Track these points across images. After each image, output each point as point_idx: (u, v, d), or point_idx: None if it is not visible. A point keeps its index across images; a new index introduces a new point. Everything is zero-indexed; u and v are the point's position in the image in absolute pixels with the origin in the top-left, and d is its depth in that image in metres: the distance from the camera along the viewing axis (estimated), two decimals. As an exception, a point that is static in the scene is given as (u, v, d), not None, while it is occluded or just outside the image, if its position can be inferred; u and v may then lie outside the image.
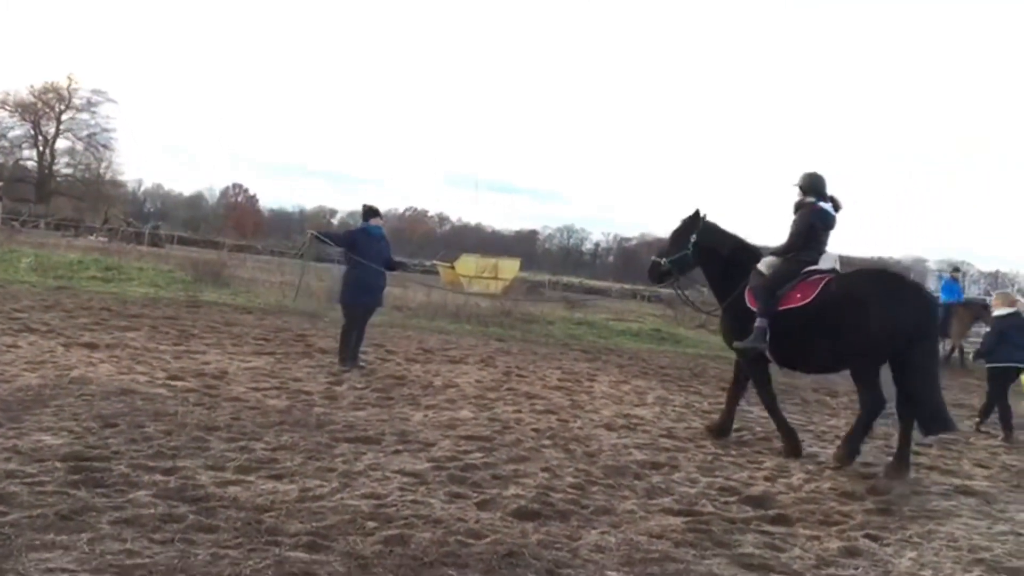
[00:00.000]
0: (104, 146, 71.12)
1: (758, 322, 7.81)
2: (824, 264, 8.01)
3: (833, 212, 8.19)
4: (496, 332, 17.60)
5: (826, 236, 8.19)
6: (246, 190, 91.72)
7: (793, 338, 7.76)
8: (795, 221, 8.17)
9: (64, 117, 70.40)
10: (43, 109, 69.76)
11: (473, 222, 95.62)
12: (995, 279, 58.68)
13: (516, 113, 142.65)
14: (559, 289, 42.54)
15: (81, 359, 8.79)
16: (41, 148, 70.88)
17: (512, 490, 5.63)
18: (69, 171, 72.56)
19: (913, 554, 5.23)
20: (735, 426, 8.81)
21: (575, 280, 58.21)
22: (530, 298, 27.16)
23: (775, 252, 8.26)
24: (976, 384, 15.32)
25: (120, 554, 3.90)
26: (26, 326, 10.60)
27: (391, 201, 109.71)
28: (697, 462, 7.19)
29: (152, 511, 4.45)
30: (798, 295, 7.82)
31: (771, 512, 5.83)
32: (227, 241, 47.10)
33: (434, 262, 46.70)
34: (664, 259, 8.52)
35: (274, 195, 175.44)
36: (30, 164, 71.67)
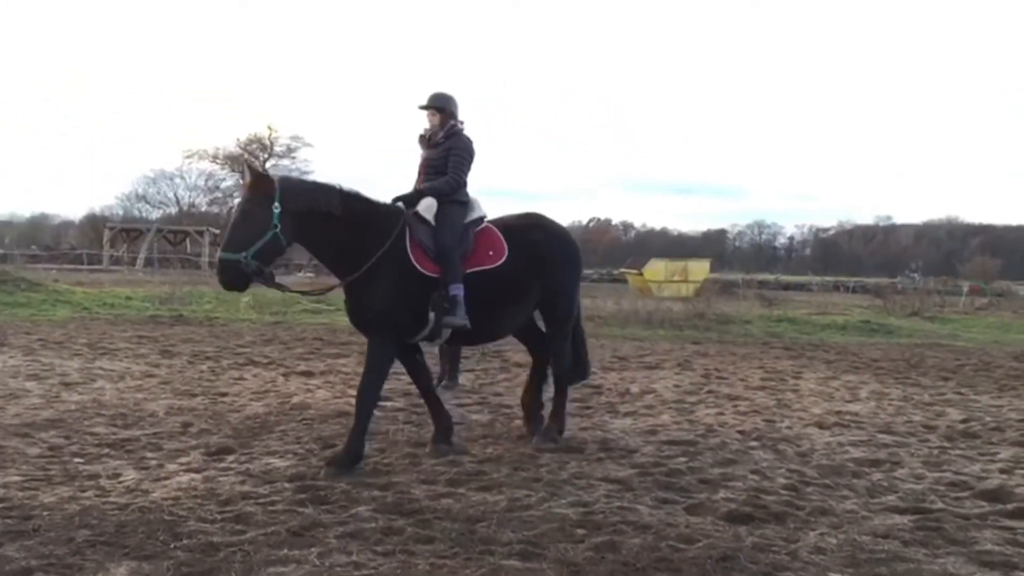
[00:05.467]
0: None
1: (453, 289, 6.07)
2: (478, 210, 6.56)
3: None
4: (691, 335, 17.28)
5: None
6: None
7: (485, 304, 6.27)
8: (457, 151, 6.48)
9: (268, 164, 76.12)
10: (249, 159, 75.76)
11: (658, 227, 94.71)
12: None
13: (685, 110, 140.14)
14: (754, 287, 41.24)
15: (300, 387, 9.40)
16: (250, 196, 76.84)
17: (722, 493, 5.48)
18: (276, 215, 78.20)
19: None
20: (941, 416, 8.13)
21: (770, 277, 56.22)
22: (724, 298, 26.47)
23: (434, 192, 6.37)
24: None
25: (348, 566, 4.11)
26: (249, 359, 11.47)
27: (575, 214, 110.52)
28: (921, 457, 6.72)
29: (373, 525, 4.67)
30: (489, 252, 6.40)
31: (1010, 506, 5.35)
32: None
33: (622, 270, 46.60)
34: (244, 254, 5.63)
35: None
36: (242, 212, 77.81)
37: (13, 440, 6.43)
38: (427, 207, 6.28)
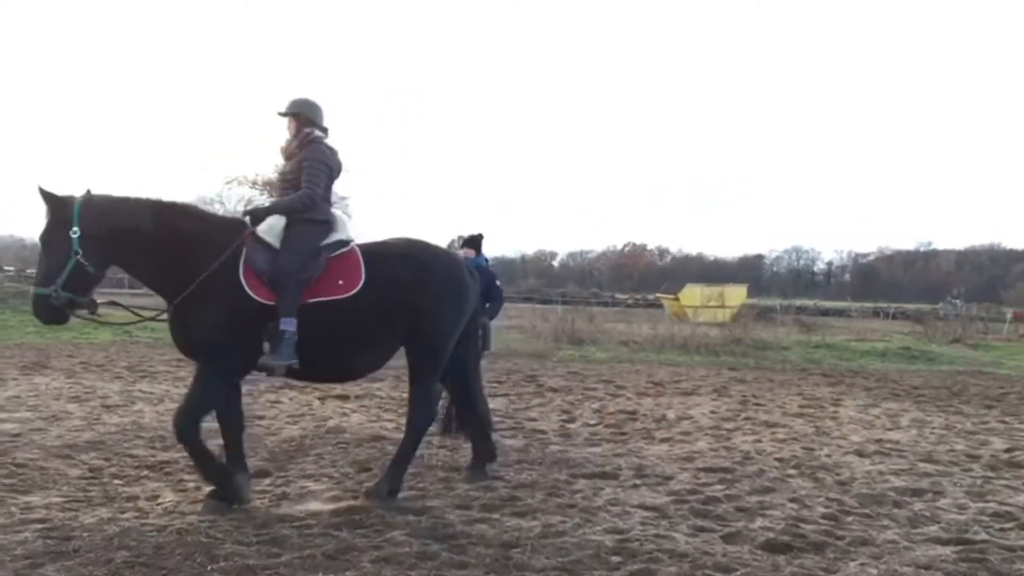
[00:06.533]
0: (342, 212, 77.14)
1: (284, 324, 5.26)
2: (342, 231, 5.76)
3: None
4: (728, 361, 17.13)
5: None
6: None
7: (329, 340, 5.49)
8: (311, 162, 5.64)
9: (305, 191, 77.00)
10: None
11: (694, 252, 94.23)
12: None
13: (723, 127, 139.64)
14: (792, 313, 40.82)
15: (335, 410, 9.47)
16: (287, 220, 77.90)
17: (759, 522, 5.40)
18: (313, 239, 79.18)
19: None
20: (984, 445, 7.94)
21: (808, 302, 55.61)
22: (761, 324, 26.20)
23: (283, 209, 5.60)
24: None
25: (381, 590, 4.11)
26: (286, 383, 11.50)
27: (608, 238, 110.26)
28: (964, 487, 6.58)
29: (408, 549, 4.66)
30: (339, 280, 5.51)
31: (1059, 539, 5.21)
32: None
33: (657, 295, 46.38)
34: (52, 288, 5.07)
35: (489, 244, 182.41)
36: (279, 236, 78.95)
37: (55, 461, 6.54)
38: (269, 227, 5.52)
